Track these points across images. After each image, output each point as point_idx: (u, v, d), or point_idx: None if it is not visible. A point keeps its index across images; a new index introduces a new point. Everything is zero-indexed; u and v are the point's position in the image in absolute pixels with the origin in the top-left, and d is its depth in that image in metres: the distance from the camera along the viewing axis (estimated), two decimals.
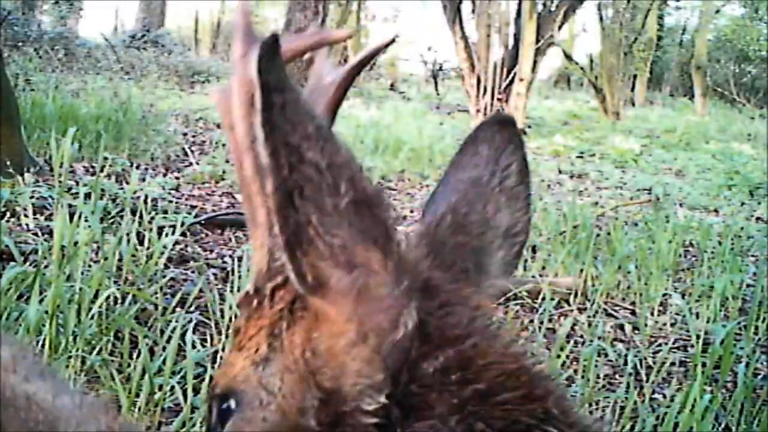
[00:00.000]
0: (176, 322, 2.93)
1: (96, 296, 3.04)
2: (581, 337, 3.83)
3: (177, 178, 6.63)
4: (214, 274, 4.03)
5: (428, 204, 1.04)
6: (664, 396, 3.26)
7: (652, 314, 4.30)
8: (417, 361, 0.81)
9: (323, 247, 0.76)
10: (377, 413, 0.80)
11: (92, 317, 2.93)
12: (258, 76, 0.74)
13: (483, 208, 1.01)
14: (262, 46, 0.74)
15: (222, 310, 3.28)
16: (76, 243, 3.42)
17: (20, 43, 16.16)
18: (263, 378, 0.86)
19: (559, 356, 3.21)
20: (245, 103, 0.94)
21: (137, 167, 6.47)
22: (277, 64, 0.75)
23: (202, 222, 4.96)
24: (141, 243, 3.88)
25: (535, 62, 14.61)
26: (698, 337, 3.58)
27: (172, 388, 2.64)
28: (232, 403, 0.89)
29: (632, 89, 23.34)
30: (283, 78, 0.75)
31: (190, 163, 7.32)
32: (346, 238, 0.76)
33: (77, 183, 5.29)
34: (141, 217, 4.11)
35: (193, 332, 2.95)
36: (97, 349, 2.81)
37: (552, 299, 3.92)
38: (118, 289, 3.23)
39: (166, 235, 3.95)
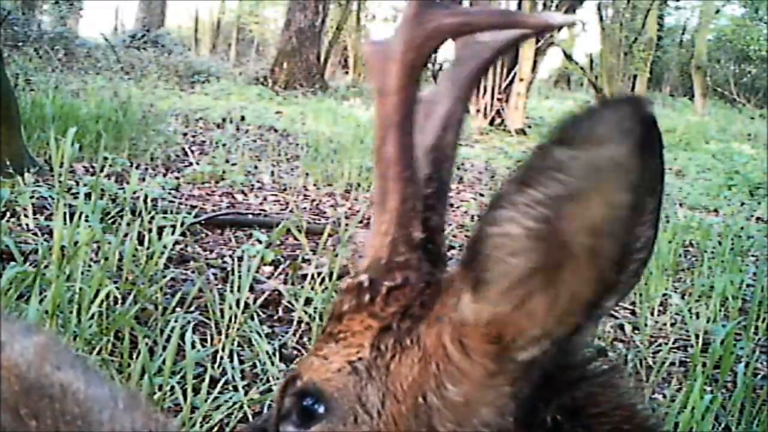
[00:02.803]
0: (176, 322, 2.93)
1: (96, 296, 3.03)
2: None
3: (177, 178, 6.62)
4: (214, 274, 4.03)
5: None
6: (664, 396, 3.26)
7: (652, 314, 4.30)
8: (536, 407, 0.76)
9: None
10: None
11: (92, 317, 2.93)
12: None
13: None
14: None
15: (222, 310, 3.28)
16: (76, 243, 3.41)
17: (20, 43, 16.18)
18: (362, 393, 0.80)
19: None
20: (407, 73, 0.85)
21: (137, 167, 6.47)
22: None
23: (202, 222, 4.95)
24: (141, 243, 3.88)
25: (535, 62, 14.61)
26: (698, 337, 3.58)
27: (172, 388, 2.63)
28: (320, 407, 0.82)
29: (632, 89, 23.34)
30: None
31: (190, 163, 7.32)
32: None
33: (77, 183, 5.29)
34: (141, 217, 4.11)
35: (193, 332, 2.95)
36: (97, 349, 2.81)
37: None
38: (118, 289, 3.23)
39: (166, 235, 3.95)
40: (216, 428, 2.58)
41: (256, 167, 7.58)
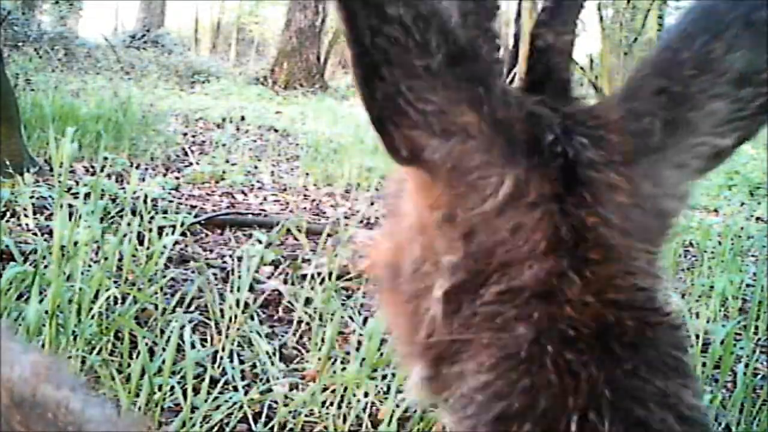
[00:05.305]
0: (176, 322, 2.93)
1: (96, 296, 3.04)
2: None
3: (177, 178, 6.62)
4: (214, 274, 4.02)
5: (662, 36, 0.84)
6: None
7: None
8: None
9: (416, 116, 0.65)
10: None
11: (92, 317, 2.93)
12: None
13: (705, 44, 0.74)
14: None
15: (222, 310, 3.28)
16: (76, 243, 3.41)
17: (20, 43, 16.17)
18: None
19: None
20: None
21: (137, 167, 6.47)
22: None
23: (202, 222, 4.95)
24: (141, 243, 3.88)
25: None
26: (698, 337, 3.58)
27: (172, 388, 2.64)
28: None
29: None
30: None
31: (190, 163, 7.32)
32: (440, 103, 0.65)
33: (77, 183, 5.29)
34: (141, 217, 4.11)
35: (193, 332, 2.96)
36: (97, 349, 2.81)
37: None
38: (118, 289, 3.23)
39: (166, 235, 3.95)
40: (216, 428, 2.58)
41: (256, 167, 7.58)
